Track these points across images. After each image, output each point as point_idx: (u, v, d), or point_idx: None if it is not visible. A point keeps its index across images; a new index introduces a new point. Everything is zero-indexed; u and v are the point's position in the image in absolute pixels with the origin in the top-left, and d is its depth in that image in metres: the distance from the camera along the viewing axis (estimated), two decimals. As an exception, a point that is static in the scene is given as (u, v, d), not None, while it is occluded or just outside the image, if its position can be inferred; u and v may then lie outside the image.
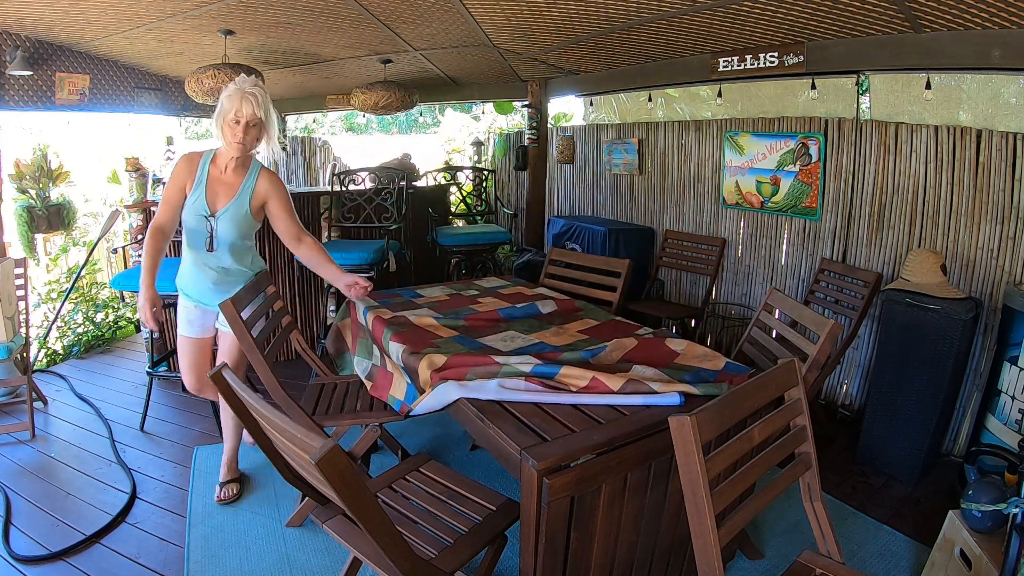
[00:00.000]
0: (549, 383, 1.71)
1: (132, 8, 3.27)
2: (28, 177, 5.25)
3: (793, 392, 1.47)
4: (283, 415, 1.18)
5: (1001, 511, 1.56)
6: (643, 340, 2.08)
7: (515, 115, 7.61)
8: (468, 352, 1.93)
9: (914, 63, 2.81)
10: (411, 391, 1.95)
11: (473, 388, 1.67)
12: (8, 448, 2.81)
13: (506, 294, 2.76)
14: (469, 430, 1.72)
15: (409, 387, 1.97)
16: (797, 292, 3.60)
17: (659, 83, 4.30)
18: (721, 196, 4.00)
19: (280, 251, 4.22)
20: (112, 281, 3.24)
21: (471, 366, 1.80)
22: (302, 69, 4.99)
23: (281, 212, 2.29)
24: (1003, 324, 2.45)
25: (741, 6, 2.71)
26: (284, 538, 2.17)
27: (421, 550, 1.49)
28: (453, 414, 1.77)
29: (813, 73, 3.27)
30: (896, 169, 3.06)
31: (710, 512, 1.16)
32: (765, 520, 2.27)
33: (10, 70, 3.74)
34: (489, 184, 5.96)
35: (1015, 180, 2.63)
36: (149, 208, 3.74)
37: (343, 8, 3.27)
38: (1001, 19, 2.36)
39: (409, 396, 1.96)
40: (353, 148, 10.64)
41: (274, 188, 2.26)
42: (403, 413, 1.95)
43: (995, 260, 2.72)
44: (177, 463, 2.72)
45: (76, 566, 2.01)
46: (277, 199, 2.27)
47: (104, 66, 4.52)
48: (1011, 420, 2.30)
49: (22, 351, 3.04)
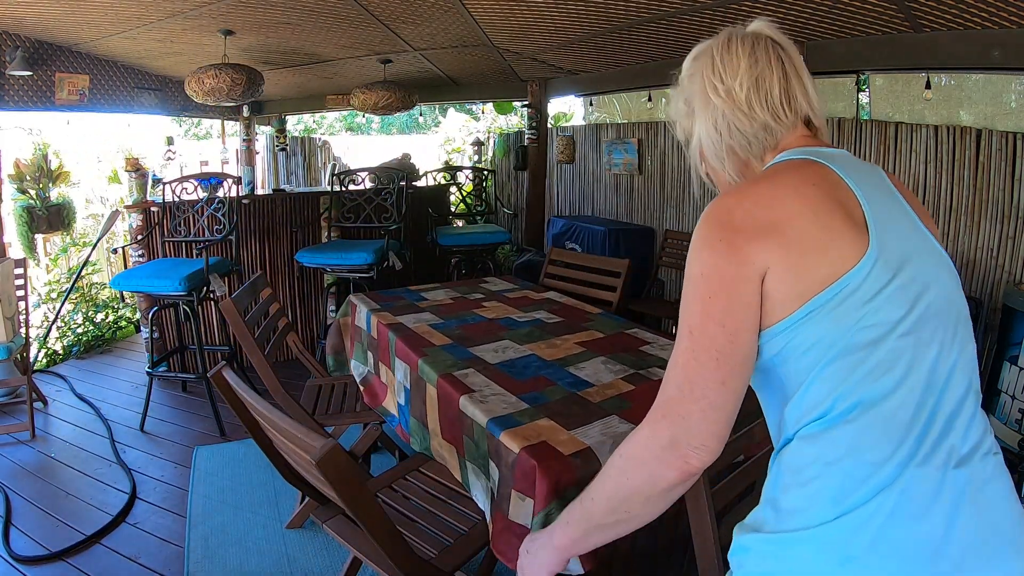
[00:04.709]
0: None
1: (132, 8, 3.27)
2: (28, 177, 5.26)
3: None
4: (283, 415, 1.18)
5: (1001, 511, 1.55)
6: (648, 386, 1.78)
7: (515, 115, 7.61)
8: (446, 372, 1.83)
9: (914, 63, 2.81)
10: (403, 412, 1.96)
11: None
12: (8, 448, 2.80)
13: (512, 298, 2.73)
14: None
15: (401, 408, 1.97)
16: (797, 292, 3.59)
17: (659, 83, 4.31)
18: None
19: (280, 251, 4.22)
20: (112, 281, 3.23)
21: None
22: (302, 69, 4.99)
23: None
24: (1003, 324, 2.45)
25: (741, 6, 2.71)
26: (284, 538, 2.17)
27: (421, 550, 1.49)
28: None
29: (813, 73, 3.26)
30: (896, 169, 3.06)
31: (710, 511, 1.16)
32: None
33: (10, 70, 3.74)
34: (489, 184, 5.96)
35: (1015, 180, 2.62)
36: (149, 208, 3.74)
37: (343, 8, 3.27)
38: (1001, 19, 2.36)
39: (402, 416, 1.96)
40: (353, 148, 10.65)
41: None
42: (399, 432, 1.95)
43: (995, 260, 2.72)
44: (177, 463, 2.72)
45: (76, 566, 2.01)
46: None
47: (104, 66, 4.52)
48: (1011, 420, 2.30)
49: (22, 351, 3.04)
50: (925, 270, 0.76)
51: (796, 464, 0.74)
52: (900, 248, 0.75)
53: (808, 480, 0.72)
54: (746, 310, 0.73)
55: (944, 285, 0.77)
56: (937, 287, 0.76)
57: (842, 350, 0.71)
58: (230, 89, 3.60)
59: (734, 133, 0.88)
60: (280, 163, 6.85)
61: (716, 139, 0.89)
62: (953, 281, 0.80)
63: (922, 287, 0.74)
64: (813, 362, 0.72)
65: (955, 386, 0.73)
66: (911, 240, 0.78)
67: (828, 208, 0.75)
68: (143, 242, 3.73)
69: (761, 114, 0.86)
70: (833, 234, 0.73)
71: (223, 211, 3.61)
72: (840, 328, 0.71)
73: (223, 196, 3.64)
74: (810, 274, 0.72)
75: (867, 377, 0.70)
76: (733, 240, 0.74)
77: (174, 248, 3.75)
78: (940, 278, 0.78)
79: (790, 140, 0.87)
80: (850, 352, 0.71)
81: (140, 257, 3.73)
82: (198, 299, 3.16)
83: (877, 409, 0.70)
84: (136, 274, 3.16)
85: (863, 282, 0.71)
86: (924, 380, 0.71)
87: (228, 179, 3.74)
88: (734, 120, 0.87)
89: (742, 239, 0.73)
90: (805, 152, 0.83)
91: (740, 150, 0.89)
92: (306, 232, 4.29)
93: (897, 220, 0.79)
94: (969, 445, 0.71)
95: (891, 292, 0.72)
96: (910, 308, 0.72)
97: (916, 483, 0.68)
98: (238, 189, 3.91)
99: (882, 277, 0.72)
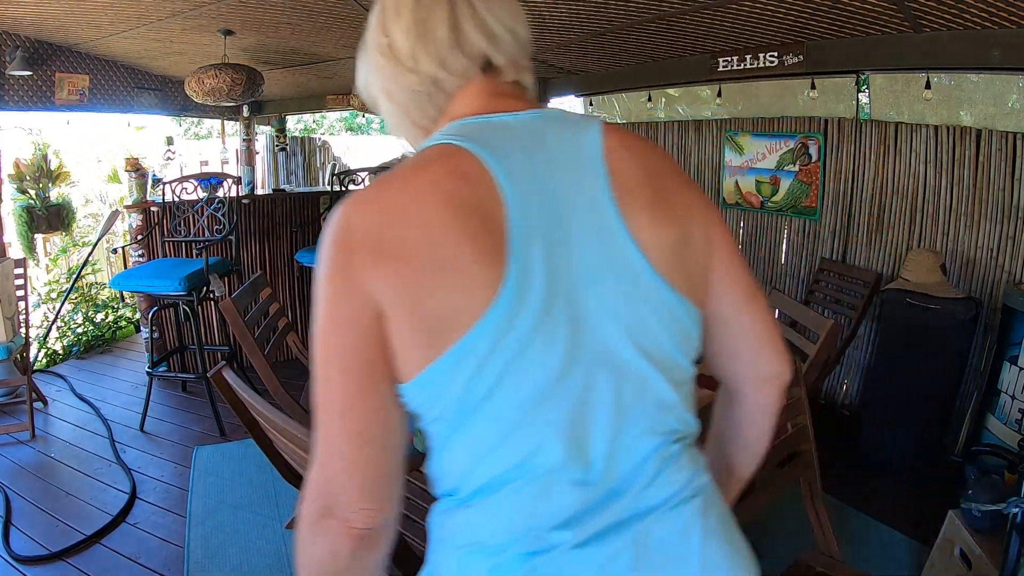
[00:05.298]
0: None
1: (132, 8, 3.27)
2: (28, 177, 5.26)
3: (794, 391, 1.47)
4: (283, 415, 1.18)
5: (1001, 511, 1.55)
6: None
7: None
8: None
9: (914, 63, 2.81)
10: None
11: None
12: (8, 448, 2.80)
13: None
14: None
15: None
16: (797, 292, 3.60)
17: (659, 83, 4.30)
18: (721, 196, 4.00)
19: (280, 251, 4.22)
20: (112, 281, 3.24)
21: None
22: (302, 69, 4.99)
23: None
24: (1003, 324, 2.45)
25: (741, 6, 2.70)
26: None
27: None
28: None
29: (813, 73, 3.27)
30: (896, 169, 3.06)
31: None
32: (765, 519, 2.26)
33: (10, 70, 3.74)
34: (489, 184, 5.95)
35: (1015, 180, 2.62)
36: (149, 208, 3.74)
37: (343, 8, 3.27)
38: (1001, 19, 2.36)
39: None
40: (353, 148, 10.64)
41: None
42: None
43: (995, 260, 2.72)
44: (177, 463, 2.72)
45: (76, 566, 2.01)
46: None
47: (104, 66, 4.52)
48: (1011, 420, 2.30)
49: (22, 351, 3.04)
50: (591, 299, 0.58)
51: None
52: (556, 273, 0.57)
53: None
54: (368, 352, 0.57)
55: (618, 319, 0.59)
56: (607, 322, 0.59)
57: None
58: (230, 89, 3.60)
59: (406, 97, 0.69)
60: (280, 163, 6.84)
61: (392, 109, 0.72)
62: (653, 314, 0.61)
63: (580, 324, 0.58)
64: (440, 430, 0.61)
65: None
66: (586, 258, 0.59)
67: (456, 229, 0.56)
68: (143, 242, 3.73)
69: (428, 67, 0.66)
70: (458, 268, 0.55)
71: (223, 211, 3.61)
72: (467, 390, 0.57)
73: (223, 196, 3.64)
74: (428, 328, 0.55)
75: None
76: (350, 265, 0.57)
77: (174, 248, 3.75)
78: (618, 309, 0.59)
79: (463, 100, 0.67)
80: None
81: (140, 257, 3.73)
82: (198, 299, 3.16)
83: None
84: (136, 274, 3.16)
85: (495, 331, 0.55)
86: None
87: (228, 179, 3.74)
88: (404, 80, 0.68)
89: (359, 264, 0.56)
90: (461, 127, 0.63)
91: (421, 118, 0.70)
92: (306, 232, 4.29)
93: (566, 228, 0.59)
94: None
95: (533, 338, 0.56)
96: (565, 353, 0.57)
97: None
98: (238, 189, 3.91)
99: (522, 319, 0.55)
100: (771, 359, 0.72)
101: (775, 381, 0.73)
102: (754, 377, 0.74)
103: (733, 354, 0.72)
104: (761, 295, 0.73)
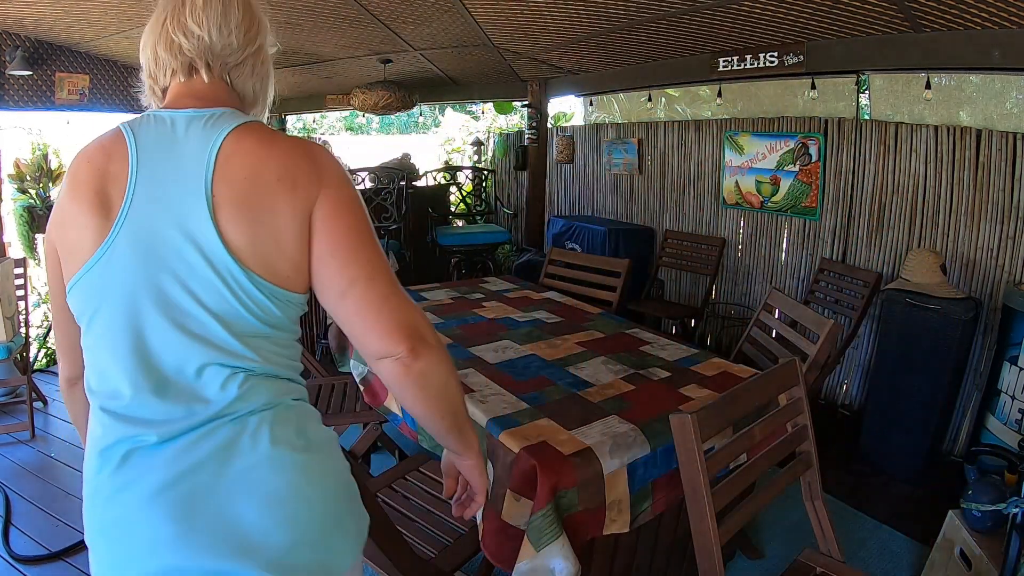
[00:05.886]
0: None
1: (132, 8, 3.27)
2: (28, 177, 5.26)
3: (794, 391, 1.47)
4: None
5: (1001, 511, 1.56)
6: (648, 386, 1.78)
7: (515, 115, 7.61)
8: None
9: (914, 63, 2.81)
10: (407, 412, 1.96)
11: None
12: (8, 448, 2.80)
13: (512, 298, 2.73)
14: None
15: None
16: (797, 292, 3.60)
17: (659, 83, 4.31)
18: (721, 196, 4.00)
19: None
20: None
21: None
22: (302, 69, 4.99)
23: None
24: (1003, 324, 2.45)
25: (741, 6, 2.71)
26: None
27: (421, 550, 1.49)
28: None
29: (813, 73, 3.27)
30: (896, 169, 3.06)
31: (711, 510, 1.16)
32: (765, 519, 2.27)
33: (10, 70, 3.74)
34: (489, 184, 5.96)
35: (1015, 180, 2.63)
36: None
37: (343, 8, 3.27)
38: (1001, 19, 2.36)
39: (406, 415, 1.96)
40: (353, 148, 10.64)
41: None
42: (404, 431, 1.93)
43: (995, 260, 2.72)
44: (177, 463, 2.71)
45: (76, 566, 2.01)
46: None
47: (104, 66, 4.52)
48: (1011, 420, 2.30)
49: (22, 351, 3.04)
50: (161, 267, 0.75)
51: None
52: (141, 236, 0.75)
53: None
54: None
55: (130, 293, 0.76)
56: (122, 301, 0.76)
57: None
58: (230, 89, 3.60)
59: (153, 94, 0.89)
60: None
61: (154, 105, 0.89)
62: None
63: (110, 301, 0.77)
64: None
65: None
66: (158, 233, 0.76)
67: (86, 191, 0.77)
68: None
69: (154, 68, 0.86)
70: (80, 220, 0.76)
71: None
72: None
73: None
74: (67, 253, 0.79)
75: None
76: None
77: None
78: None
79: (169, 97, 0.85)
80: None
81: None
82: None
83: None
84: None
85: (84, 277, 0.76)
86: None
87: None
88: (150, 81, 0.89)
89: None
90: (142, 117, 0.82)
91: (154, 104, 0.90)
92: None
93: (165, 204, 0.76)
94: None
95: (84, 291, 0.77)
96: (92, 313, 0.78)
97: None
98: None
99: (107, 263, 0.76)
100: (377, 342, 0.81)
101: (389, 359, 0.81)
102: (370, 355, 0.83)
103: (350, 335, 0.84)
104: (366, 282, 0.82)
